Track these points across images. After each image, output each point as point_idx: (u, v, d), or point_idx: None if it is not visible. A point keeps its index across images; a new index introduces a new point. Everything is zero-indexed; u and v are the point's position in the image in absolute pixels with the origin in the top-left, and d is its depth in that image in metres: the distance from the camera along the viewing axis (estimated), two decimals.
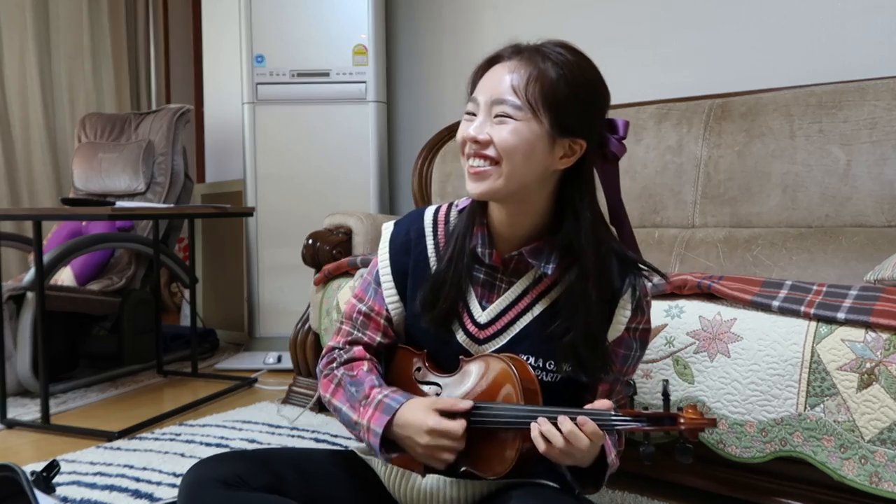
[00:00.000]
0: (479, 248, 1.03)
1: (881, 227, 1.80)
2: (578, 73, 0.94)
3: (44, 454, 1.81)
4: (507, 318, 1.04)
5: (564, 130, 0.94)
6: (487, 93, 0.95)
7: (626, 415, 0.90)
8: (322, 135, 2.94)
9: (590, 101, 0.96)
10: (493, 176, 0.94)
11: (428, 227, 1.10)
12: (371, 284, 1.12)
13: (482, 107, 0.95)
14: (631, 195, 2.22)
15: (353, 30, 2.91)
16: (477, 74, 0.99)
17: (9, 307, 2.30)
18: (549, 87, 0.92)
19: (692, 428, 0.87)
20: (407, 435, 0.97)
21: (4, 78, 3.44)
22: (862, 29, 2.08)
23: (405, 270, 1.09)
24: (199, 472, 0.97)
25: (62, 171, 3.62)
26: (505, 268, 1.05)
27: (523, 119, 0.92)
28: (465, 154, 0.97)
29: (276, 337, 2.98)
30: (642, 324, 1.05)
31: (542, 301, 1.03)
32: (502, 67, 0.95)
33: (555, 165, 0.96)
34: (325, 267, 2.14)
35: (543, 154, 0.94)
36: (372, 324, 1.11)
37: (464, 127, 0.97)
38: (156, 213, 2.42)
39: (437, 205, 1.14)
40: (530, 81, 0.92)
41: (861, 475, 1.21)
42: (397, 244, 1.11)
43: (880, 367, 1.19)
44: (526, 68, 0.93)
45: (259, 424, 2.02)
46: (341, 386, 1.07)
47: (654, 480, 1.51)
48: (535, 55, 0.94)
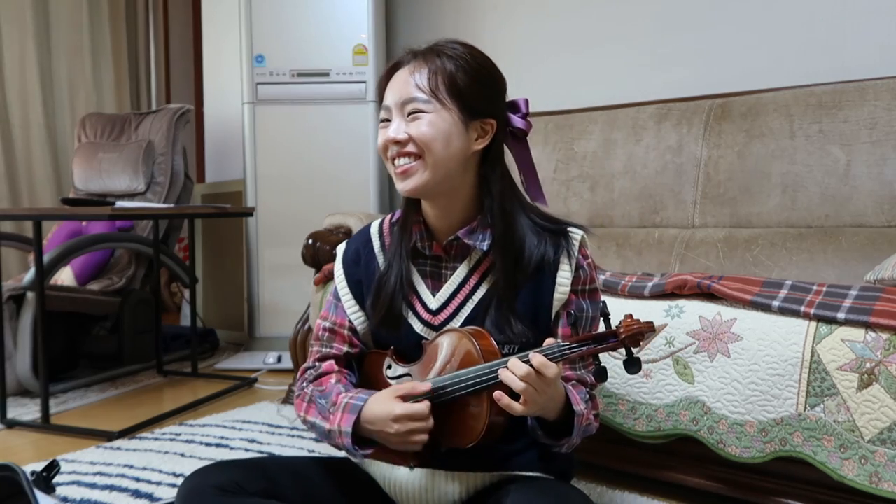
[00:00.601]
0: (419, 243, 1.09)
1: (881, 227, 1.80)
2: (473, 60, 1.03)
3: (44, 454, 1.81)
4: (457, 301, 1.08)
5: (473, 113, 1.02)
6: (396, 95, 1.02)
7: (573, 342, 0.93)
8: (322, 135, 2.94)
9: (489, 83, 1.05)
10: (419, 170, 1.01)
11: (374, 237, 1.17)
12: (332, 302, 1.17)
13: (394, 110, 1.02)
14: (631, 195, 2.22)
15: (353, 30, 2.91)
16: (382, 83, 1.06)
17: (9, 307, 2.30)
18: (450, 77, 1.00)
19: (632, 334, 0.91)
20: (378, 429, 0.99)
21: (4, 78, 3.44)
22: (862, 29, 2.08)
23: (359, 280, 1.14)
24: (196, 481, 0.99)
25: (62, 171, 3.62)
26: (447, 255, 1.10)
27: (434, 111, 1.00)
28: (388, 158, 1.04)
29: (276, 337, 2.98)
30: (588, 284, 1.09)
31: (487, 280, 1.07)
32: (404, 71, 1.03)
33: (472, 147, 1.03)
34: (325, 267, 2.14)
35: (460, 138, 1.01)
36: (337, 337, 1.15)
37: (381, 134, 1.04)
38: (156, 213, 2.42)
39: (383, 217, 1.21)
40: (432, 76, 1.00)
41: (861, 475, 1.21)
42: (349, 259, 1.17)
43: (880, 367, 1.19)
44: (426, 66, 1.01)
45: (259, 424, 2.02)
46: (313, 402, 1.10)
47: (654, 480, 1.52)
48: (430, 54, 1.02)
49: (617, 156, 2.26)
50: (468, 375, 0.96)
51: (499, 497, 0.98)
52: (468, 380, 0.96)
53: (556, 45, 2.72)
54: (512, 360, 0.91)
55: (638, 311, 1.44)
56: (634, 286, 1.51)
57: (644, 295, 1.49)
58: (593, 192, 2.30)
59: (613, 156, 2.26)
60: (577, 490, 1.04)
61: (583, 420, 1.01)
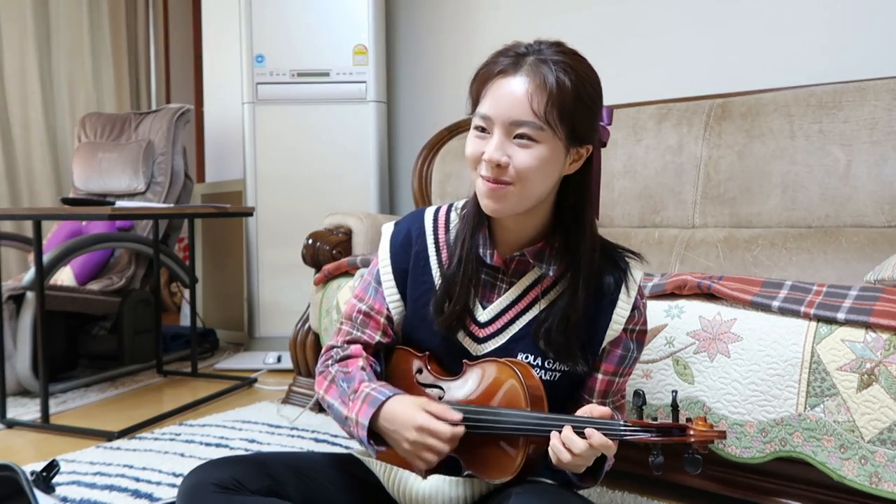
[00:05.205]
0: (481, 250, 1.04)
1: (881, 228, 1.80)
2: (586, 81, 0.94)
3: (43, 454, 1.81)
4: (507, 318, 1.05)
5: (576, 140, 0.95)
6: (504, 111, 0.92)
7: (635, 425, 0.90)
8: (322, 135, 2.94)
9: (597, 107, 0.98)
10: (510, 197, 0.95)
11: (428, 227, 1.11)
12: (371, 284, 1.13)
13: (497, 125, 0.93)
14: (631, 195, 2.22)
15: (353, 30, 2.91)
16: (479, 85, 0.97)
17: (9, 307, 2.30)
18: (565, 102, 0.91)
19: (702, 441, 0.88)
20: (394, 429, 0.97)
21: (4, 78, 3.44)
22: (862, 29, 2.08)
23: (405, 269, 1.09)
24: (196, 477, 0.98)
25: (62, 171, 3.62)
26: (506, 268, 1.05)
27: (543, 140, 0.92)
28: (478, 171, 0.96)
29: (276, 337, 2.99)
30: (639, 325, 1.07)
31: (542, 301, 1.04)
32: (511, 83, 0.93)
33: (564, 171, 0.98)
34: (325, 267, 2.14)
35: (559, 167, 0.96)
36: (372, 322, 1.11)
37: (477, 144, 0.96)
38: (156, 213, 2.42)
39: (437, 206, 1.14)
40: (549, 99, 0.91)
41: (861, 475, 1.21)
42: (397, 244, 1.11)
43: (880, 367, 1.19)
44: (538, 84, 0.91)
45: (259, 424, 2.02)
46: (334, 382, 1.08)
47: (654, 480, 1.51)
48: (541, 66, 0.92)
49: (617, 156, 2.26)
50: (512, 419, 0.94)
51: (501, 500, 0.97)
52: (511, 423, 0.94)
53: None
54: (567, 433, 0.89)
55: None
56: None
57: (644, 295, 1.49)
58: None
59: (613, 156, 2.26)
60: (578, 495, 1.03)
61: (609, 464, 1.01)
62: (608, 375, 1.06)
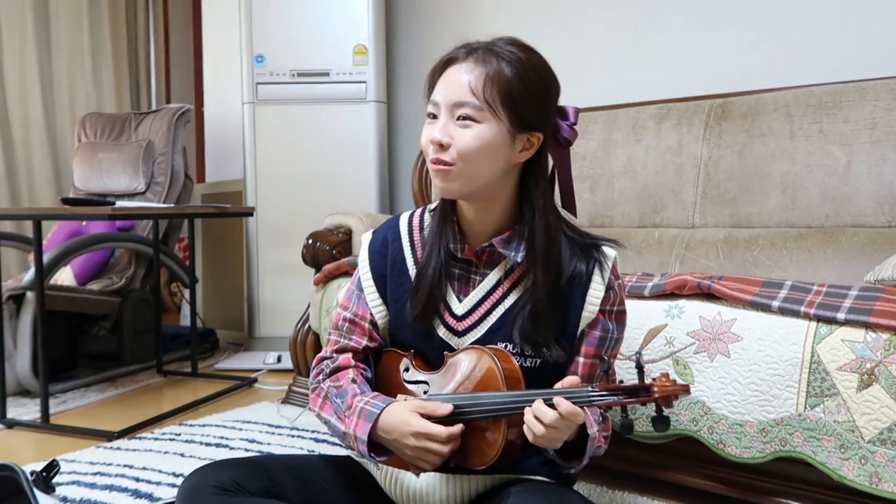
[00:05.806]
0: (451, 245, 1.06)
1: (881, 228, 1.80)
2: (531, 69, 0.98)
3: (43, 454, 1.81)
4: (484, 309, 1.06)
5: (523, 126, 0.98)
6: (447, 94, 0.98)
7: (604, 389, 0.91)
8: (322, 135, 2.94)
9: (544, 95, 1.00)
10: (455, 176, 0.98)
11: (403, 230, 1.14)
12: (354, 292, 1.16)
13: (443, 108, 0.98)
14: (631, 195, 2.22)
15: (353, 30, 2.91)
16: (433, 76, 1.02)
17: (9, 307, 2.30)
18: (507, 86, 0.95)
19: (665, 395, 0.89)
20: (393, 438, 0.99)
21: (4, 78, 3.44)
22: (862, 29, 2.08)
23: (384, 273, 1.13)
24: (196, 480, 0.99)
25: (62, 171, 3.62)
26: (478, 260, 1.08)
27: (484, 120, 0.96)
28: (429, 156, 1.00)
29: (276, 337, 2.98)
30: (616, 305, 1.08)
31: (516, 290, 1.06)
32: (459, 69, 0.98)
33: (515, 159, 1.01)
34: (325, 267, 2.14)
35: (504, 151, 0.98)
36: (357, 329, 1.13)
37: (428, 130, 1.00)
38: (156, 213, 2.42)
39: (412, 210, 1.18)
40: (488, 82, 0.95)
41: (861, 475, 1.21)
42: (375, 250, 1.15)
43: (880, 367, 1.19)
44: (482, 69, 0.96)
45: (259, 424, 2.02)
46: (328, 399, 1.09)
47: (654, 480, 1.51)
48: (488, 55, 0.97)
49: (617, 156, 2.26)
50: (489, 401, 0.95)
51: (499, 500, 0.98)
52: (489, 405, 0.95)
53: (557, 45, 2.71)
54: (537, 405, 0.90)
55: (638, 311, 1.46)
56: (634, 286, 1.51)
57: (644, 295, 1.49)
58: (593, 192, 2.30)
59: (613, 156, 2.26)
60: (577, 493, 1.04)
61: (594, 442, 1.01)
62: (590, 358, 1.06)
